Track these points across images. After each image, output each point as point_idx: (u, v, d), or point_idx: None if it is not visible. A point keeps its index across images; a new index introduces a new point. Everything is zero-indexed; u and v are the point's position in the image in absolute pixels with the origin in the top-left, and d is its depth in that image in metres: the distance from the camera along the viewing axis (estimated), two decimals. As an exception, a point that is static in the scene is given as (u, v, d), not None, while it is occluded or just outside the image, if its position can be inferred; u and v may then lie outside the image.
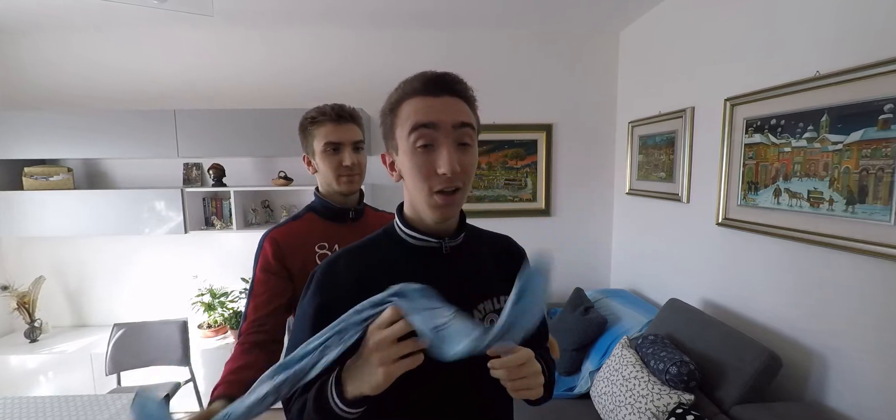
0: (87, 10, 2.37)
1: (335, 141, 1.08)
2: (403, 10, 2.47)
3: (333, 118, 1.08)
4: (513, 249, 0.82)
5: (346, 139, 1.09)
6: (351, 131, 1.10)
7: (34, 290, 2.68)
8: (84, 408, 1.66)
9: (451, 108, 0.63)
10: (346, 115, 1.09)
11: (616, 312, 2.33)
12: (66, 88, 2.71)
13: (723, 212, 1.89)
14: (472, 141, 0.65)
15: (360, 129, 1.13)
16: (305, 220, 1.16)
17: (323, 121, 1.08)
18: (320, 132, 1.09)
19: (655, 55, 2.46)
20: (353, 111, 1.12)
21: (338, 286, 0.67)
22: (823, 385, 1.48)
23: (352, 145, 1.10)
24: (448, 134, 0.62)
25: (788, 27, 1.57)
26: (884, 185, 1.23)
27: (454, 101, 0.64)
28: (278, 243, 1.08)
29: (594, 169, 2.99)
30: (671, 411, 1.48)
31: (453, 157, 0.61)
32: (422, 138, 0.62)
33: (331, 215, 1.16)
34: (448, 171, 0.61)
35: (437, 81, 0.64)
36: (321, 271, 0.69)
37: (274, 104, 2.75)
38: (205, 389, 2.55)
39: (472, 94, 0.68)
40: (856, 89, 1.30)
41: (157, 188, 2.63)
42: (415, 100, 0.63)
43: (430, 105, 0.62)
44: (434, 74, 0.64)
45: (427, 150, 0.62)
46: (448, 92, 0.64)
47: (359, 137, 1.12)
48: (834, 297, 1.44)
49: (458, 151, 0.63)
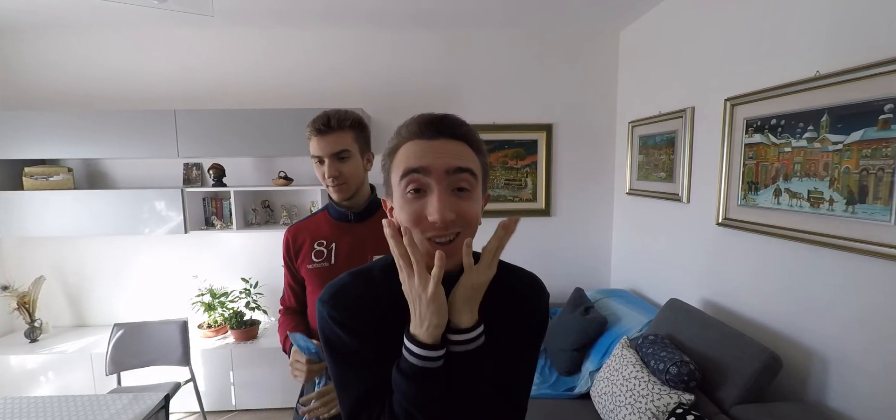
0: (87, 10, 2.37)
1: (317, 154, 1.13)
2: (404, 10, 2.47)
3: (316, 131, 1.11)
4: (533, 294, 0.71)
5: (326, 152, 1.12)
6: (332, 142, 1.11)
7: (34, 290, 2.68)
8: (84, 408, 1.66)
9: (447, 152, 0.59)
10: (326, 127, 1.11)
11: (616, 312, 2.33)
12: (66, 88, 2.71)
13: (723, 212, 1.89)
14: (471, 186, 0.60)
15: (347, 136, 1.14)
16: (317, 218, 1.28)
17: (310, 134, 1.13)
18: (310, 145, 1.14)
19: (655, 55, 2.46)
20: (338, 119, 1.12)
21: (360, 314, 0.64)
22: (824, 385, 1.48)
23: (333, 156, 1.12)
24: (441, 179, 0.58)
25: (788, 27, 1.57)
26: (884, 185, 1.23)
27: (452, 145, 0.60)
28: (288, 240, 1.27)
29: (594, 169, 2.99)
30: (671, 411, 1.48)
31: (445, 204, 0.57)
32: (412, 183, 0.59)
33: (336, 215, 1.25)
34: (438, 220, 0.57)
35: (432, 124, 0.60)
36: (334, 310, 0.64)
37: (274, 104, 2.75)
38: (205, 389, 2.55)
39: (475, 137, 0.63)
40: (856, 89, 1.30)
41: (157, 188, 2.63)
42: (409, 144, 0.61)
43: (423, 149, 0.59)
44: (430, 117, 0.61)
45: (418, 196, 0.59)
46: (445, 134, 0.60)
47: (342, 147, 1.12)
48: (834, 298, 1.44)
49: (452, 197, 0.59)
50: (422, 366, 0.57)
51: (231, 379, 2.60)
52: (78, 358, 2.53)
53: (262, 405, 2.65)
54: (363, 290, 0.65)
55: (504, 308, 0.66)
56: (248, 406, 2.65)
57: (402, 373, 0.58)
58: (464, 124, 0.63)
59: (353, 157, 1.16)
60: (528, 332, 0.69)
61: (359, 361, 0.63)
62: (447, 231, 0.58)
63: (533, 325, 0.69)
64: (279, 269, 3.17)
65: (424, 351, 0.57)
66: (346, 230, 1.22)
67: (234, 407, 2.65)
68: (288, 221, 2.80)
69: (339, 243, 1.21)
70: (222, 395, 2.63)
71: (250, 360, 2.60)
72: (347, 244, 1.21)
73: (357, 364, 0.63)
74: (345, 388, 0.64)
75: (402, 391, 0.58)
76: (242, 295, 2.78)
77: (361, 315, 0.63)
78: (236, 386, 2.61)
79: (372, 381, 0.62)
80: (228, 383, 2.61)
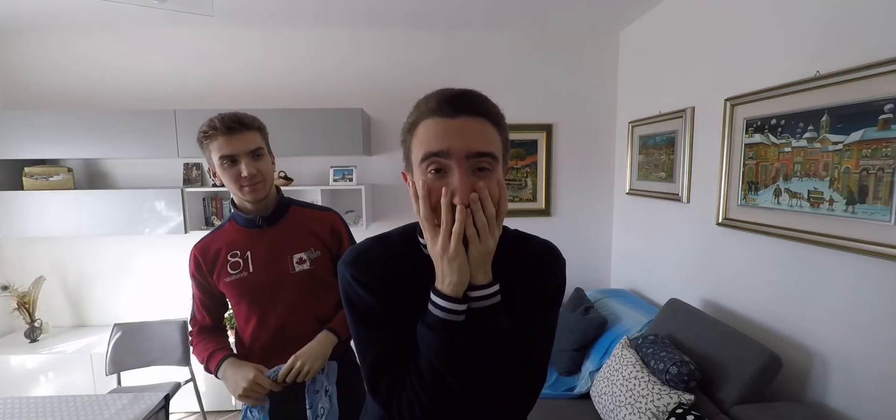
0: (87, 10, 2.37)
1: (229, 153, 1.08)
2: (403, 10, 2.47)
3: (224, 131, 1.06)
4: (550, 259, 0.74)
5: (240, 150, 1.08)
6: (245, 140, 1.09)
7: (34, 290, 2.68)
8: (84, 408, 1.66)
9: (468, 132, 0.59)
10: (237, 125, 1.08)
11: (616, 312, 2.33)
12: (66, 88, 2.71)
13: (723, 212, 1.89)
14: (492, 167, 0.61)
15: (258, 134, 1.13)
16: (225, 230, 1.23)
17: (214, 135, 1.07)
18: (214, 146, 1.08)
19: (655, 55, 2.46)
20: (246, 119, 1.11)
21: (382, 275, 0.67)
22: (823, 385, 1.48)
23: (249, 154, 1.09)
24: (461, 162, 0.59)
25: (788, 27, 1.57)
26: (884, 185, 1.23)
27: (472, 123, 0.60)
28: (196, 256, 1.21)
29: (594, 169, 2.99)
30: (671, 411, 1.48)
31: (466, 186, 0.58)
32: (433, 165, 0.60)
33: (244, 223, 1.21)
34: (460, 202, 0.58)
35: (453, 100, 0.60)
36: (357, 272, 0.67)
37: (274, 104, 2.75)
38: (205, 389, 2.55)
39: (496, 112, 0.63)
40: (856, 89, 1.30)
41: (158, 188, 2.63)
42: (429, 122, 0.61)
43: (444, 129, 0.59)
44: (451, 93, 0.61)
45: (439, 176, 0.60)
46: (465, 111, 0.60)
47: (256, 145, 1.11)
48: (834, 298, 1.44)
49: (473, 177, 0.60)
50: (445, 318, 0.60)
51: (231, 379, 2.60)
52: (78, 358, 2.53)
53: (262, 405, 2.65)
54: (383, 254, 0.69)
55: (520, 274, 0.70)
56: (248, 406, 2.65)
57: (428, 326, 0.61)
58: (484, 100, 0.62)
59: (266, 156, 1.15)
60: (542, 294, 0.71)
61: (378, 321, 0.66)
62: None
63: (548, 288, 0.71)
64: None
65: (448, 303, 0.60)
66: (259, 236, 1.19)
67: (235, 407, 2.65)
68: (288, 221, 2.80)
69: (254, 251, 1.18)
70: (222, 395, 2.62)
71: (250, 360, 2.59)
72: (263, 250, 1.18)
73: (377, 324, 0.66)
74: (365, 348, 0.67)
75: (427, 343, 0.61)
76: (242, 295, 2.77)
77: (382, 276, 0.67)
78: (236, 386, 2.61)
79: (391, 344, 0.65)
80: (228, 383, 2.61)
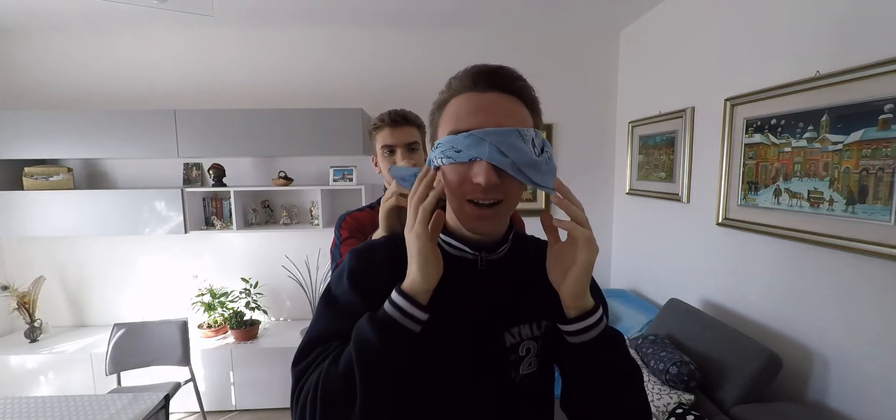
0: (87, 10, 2.37)
1: (390, 144, 1.18)
2: (405, 11, 2.47)
3: (389, 123, 1.18)
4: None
5: (399, 141, 1.18)
6: (405, 134, 1.18)
7: (34, 290, 2.68)
8: (84, 408, 1.66)
9: (499, 110, 0.56)
10: (401, 119, 1.19)
11: (616, 312, 2.33)
12: (66, 88, 2.71)
13: (723, 212, 1.89)
14: None
15: (418, 130, 1.22)
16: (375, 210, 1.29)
17: (381, 126, 1.19)
18: (379, 136, 1.20)
19: (655, 55, 2.46)
20: (410, 116, 1.21)
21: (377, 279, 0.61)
22: (824, 385, 1.48)
23: (405, 147, 1.18)
24: None
25: (788, 27, 1.57)
26: (884, 185, 1.23)
27: (505, 102, 0.56)
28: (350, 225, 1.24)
29: (594, 169, 2.99)
30: (671, 411, 1.48)
31: (491, 167, 0.53)
32: None
33: None
34: (484, 182, 0.53)
35: (486, 76, 0.57)
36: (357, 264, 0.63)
37: (274, 104, 2.75)
38: (205, 389, 2.55)
39: (530, 92, 0.59)
40: (856, 89, 1.30)
41: (157, 188, 2.63)
42: (460, 97, 0.57)
43: (475, 105, 0.56)
44: (485, 68, 0.58)
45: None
46: (498, 88, 0.56)
47: (413, 139, 1.20)
48: (834, 298, 1.44)
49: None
50: (395, 317, 0.54)
51: (231, 379, 2.60)
52: (78, 358, 2.53)
53: (262, 405, 2.65)
54: (389, 256, 0.64)
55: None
56: (247, 406, 2.65)
57: (372, 319, 0.55)
58: (519, 78, 0.59)
59: (420, 151, 1.22)
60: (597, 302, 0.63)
61: (346, 313, 0.60)
62: (489, 194, 0.55)
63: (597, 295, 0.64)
64: (279, 269, 3.15)
65: (405, 302, 0.54)
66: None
67: (234, 407, 2.65)
68: (288, 221, 2.81)
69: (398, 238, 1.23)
70: (222, 396, 2.62)
71: (250, 360, 2.59)
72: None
73: (342, 314, 0.60)
74: (315, 322, 0.62)
75: (358, 338, 0.54)
76: (242, 295, 2.78)
77: (376, 281, 0.61)
78: (236, 386, 2.61)
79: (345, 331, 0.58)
80: (228, 383, 2.61)
